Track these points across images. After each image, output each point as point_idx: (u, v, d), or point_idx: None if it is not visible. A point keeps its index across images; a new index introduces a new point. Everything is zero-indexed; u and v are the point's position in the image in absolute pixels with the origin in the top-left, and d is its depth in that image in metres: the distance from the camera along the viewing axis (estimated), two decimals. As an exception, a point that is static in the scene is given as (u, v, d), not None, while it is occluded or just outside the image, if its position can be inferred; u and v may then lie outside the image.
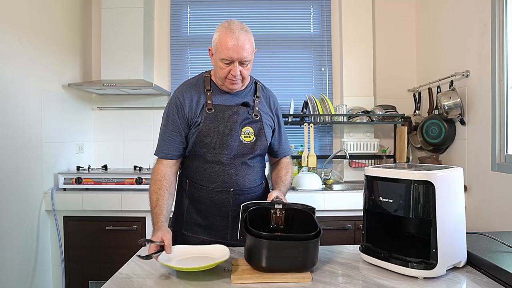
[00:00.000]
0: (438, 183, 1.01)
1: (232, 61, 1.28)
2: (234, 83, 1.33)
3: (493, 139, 2.01)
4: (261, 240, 1.03)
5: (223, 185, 1.37)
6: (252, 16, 3.01)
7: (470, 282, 1.01)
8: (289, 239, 1.07)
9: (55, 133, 2.45)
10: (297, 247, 1.03)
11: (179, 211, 1.46)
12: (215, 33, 1.31)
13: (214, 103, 1.37)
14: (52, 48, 2.43)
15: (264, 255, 1.03)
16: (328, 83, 2.99)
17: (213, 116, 1.35)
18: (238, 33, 1.26)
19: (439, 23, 2.59)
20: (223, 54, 1.27)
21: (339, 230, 2.27)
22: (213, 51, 1.33)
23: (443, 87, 2.44)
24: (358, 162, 2.85)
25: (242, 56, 1.27)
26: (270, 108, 1.48)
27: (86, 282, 2.33)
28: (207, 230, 1.41)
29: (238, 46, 1.25)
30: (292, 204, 1.24)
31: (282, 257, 1.04)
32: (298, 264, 1.04)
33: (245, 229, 1.08)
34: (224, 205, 1.38)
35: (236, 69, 1.29)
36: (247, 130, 1.38)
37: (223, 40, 1.26)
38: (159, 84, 2.91)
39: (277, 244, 1.04)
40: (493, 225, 2.01)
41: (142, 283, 1.02)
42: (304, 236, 1.04)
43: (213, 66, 1.37)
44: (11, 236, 2.04)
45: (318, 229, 1.08)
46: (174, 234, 1.44)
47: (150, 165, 2.79)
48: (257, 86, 1.47)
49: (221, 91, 1.40)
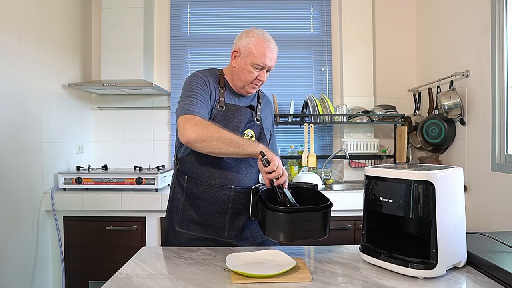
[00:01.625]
0: (438, 183, 1.01)
1: (263, 68, 1.37)
2: (255, 88, 1.43)
3: (493, 139, 2.01)
4: (284, 214, 1.13)
5: (225, 181, 1.38)
6: (252, 16, 3.01)
7: (470, 282, 1.01)
8: (309, 211, 1.16)
9: (55, 133, 2.45)
10: (315, 218, 1.15)
11: (173, 208, 1.46)
12: (246, 38, 1.38)
13: (225, 101, 1.41)
14: (52, 48, 2.43)
15: (287, 228, 1.14)
16: (328, 83, 2.99)
17: (223, 114, 1.38)
18: (273, 44, 1.39)
19: (439, 23, 2.59)
20: (258, 60, 1.35)
21: (339, 230, 2.27)
22: (244, 54, 1.38)
23: (443, 87, 2.44)
24: (358, 162, 2.85)
25: (272, 64, 1.40)
26: (269, 114, 1.57)
27: (86, 282, 2.33)
28: (203, 227, 1.42)
29: (273, 55, 1.38)
30: (296, 183, 1.40)
31: (302, 229, 1.14)
32: (316, 233, 1.16)
33: (265, 206, 1.16)
34: (224, 202, 1.39)
35: (265, 75, 1.40)
36: (249, 133, 1.44)
37: (261, 47, 1.35)
38: (159, 84, 2.91)
39: (299, 216, 1.14)
40: (493, 225, 2.01)
41: (142, 283, 1.02)
42: (320, 207, 1.16)
43: (237, 69, 1.40)
44: (11, 236, 2.04)
45: (329, 201, 1.19)
46: (166, 231, 1.46)
47: (150, 165, 2.81)
48: (259, 92, 1.54)
49: (232, 91, 1.45)
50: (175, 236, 1.43)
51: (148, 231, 2.32)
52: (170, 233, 1.44)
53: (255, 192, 1.28)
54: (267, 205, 1.16)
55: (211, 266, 1.13)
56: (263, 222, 1.20)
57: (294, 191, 1.33)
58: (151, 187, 2.41)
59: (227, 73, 1.47)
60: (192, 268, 1.12)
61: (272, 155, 1.21)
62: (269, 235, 1.18)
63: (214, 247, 1.34)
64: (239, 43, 1.40)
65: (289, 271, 1.05)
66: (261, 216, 1.23)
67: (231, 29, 3.00)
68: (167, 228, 1.46)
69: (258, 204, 1.24)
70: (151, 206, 2.30)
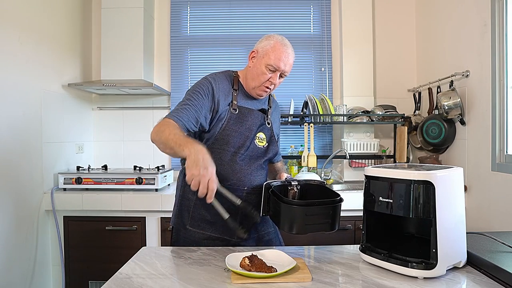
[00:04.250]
0: (438, 183, 1.01)
1: (276, 70, 1.40)
2: (265, 91, 1.44)
3: (493, 139, 2.01)
4: (299, 207, 1.17)
5: (238, 183, 1.40)
6: (252, 16, 3.01)
7: (470, 282, 1.01)
8: (322, 204, 1.19)
9: (55, 133, 2.45)
10: (327, 211, 1.19)
11: (184, 206, 1.45)
12: (265, 40, 1.42)
13: (238, 104, 1.43)
14: (52, 48, 2.43)
15: (302, 220, 1.17)
16: (328, 83, 2.99)
17: (236, 117, 1.40)
18: (291, 50, 1.42)
19: (439, 23, 2.59)
20: (272, 61, 1.38)
21: (339, 230, 2.26)
22: (260, 55, 1.41)
23: (443, 87, 2.44)
24: (358, 162, 2.85)
25: (286, 69, 1.41)
26: (277, 119, 1.62)
27: (86, 282, 2.33)
28: (215, 226, 1.42)
29: (288, 60, 1.41)
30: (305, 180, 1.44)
31: (315, 222, 1.18)
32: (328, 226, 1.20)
33: (280, 200, 1.20)
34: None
35: (276, 78, 1.41)
36: (261, 136, 1.47)
37: (278, 49, 1.38)
38: (159, 84, 2.91)
39: (312, 209, 1.18)
40: (493, 225, 2.01)
41: (142, 283, 1.02)
42: (332, 201, 1.21)
43: (251, 69, 1.43)
44: (11, 236, 2.04)
45: (339, 196, 1.24)
46: (176, 229, 1.46)
47: (150, 165, 2.80)
48: (270, 97, 1.58)
49: (245, 94, 1.48)
50: (186, 235, 1.42)
51: (148, 231, 2.32)
52: (181, 231, 1.44)
53: (267, 188, 1.31)
54: (282, 199, 1.19)
55: (211, 266, 1.13)
56: (277, 216, 1.23)
57: (303, 187, 1.37)
58: (151, 187, 2.41)
59: (242, 75, 1.49)
60: (192, 268, 1.12)
61: (191, 165, 1.10)
62: (283, 228, 1.22)
63: (214, 247, 1.33)
64: (258, 45, 1.44)
65: (289, 271, 1.05)
66: (273, 211, 1.27)
67: (231, 29, 3.01)
68: (176, 226, 1.46)
69: (271, 199, 1.28)
70: (151, 206, 2.30)
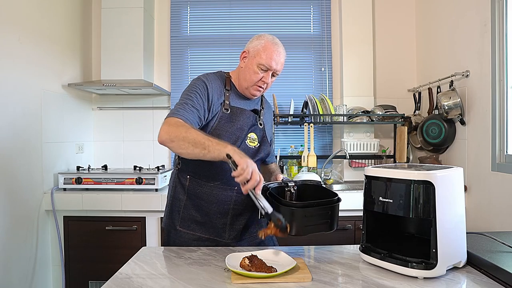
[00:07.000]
0: (438, 183, 1.01)
1: (268, 70, 1.39)
2: (259, 90, 1.43)
3: (493, 139, 2.01)
4: (298, 209, 1.16)
5: (228, 182, 1.39)
6: (252, 16, 3.01)
7: (470, 282, 1.01)
8: (320, 205, 1.19)
9: (55, 133, 2.46)
10: (326, 211, 1.19)
11: (175, 207, 1.45)
12: (256, 40, 1.42)
13: (230, 104, 1.42)
14: (52, 48, 2.43)
15: (301, 222, 1.16)
16: (328, 83, 2.99)
17: (228, 116, 1.39)
18: (282, 49, 1.42)
19: (439, 23, 2.59)
20: (264, 61, 1.37)
21: (339, 230, 2.27)
22: (252, 55, 1.41)
23: (443, 87, 2.44)
24: (358, 162, 2.85)
25: (278, 68, 1.41)
26: (269, 120, 1.61)
27: (86, 282, 2.33)
28: (205, 227, 1.42)
29: (280, 59, 1.40)
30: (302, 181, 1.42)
31: (314, 222, 1.18)
32: (327, 226, 1.20)
33: (279, 202, 1.19)
34: (226, 203, 1.40)
35: (268, 77, 1.40)
36: (252, 136, 1.45)
37: (269, 48, 1.38)
38: (159, 84, 2.91)
39: (311, 210, 1.17)
40: (493, 225, 2.01)
41: (142, 283, 1.02)
42: (331, 201, 1.20)
43: (243, 69, 1.43)
44: (11, 236, 2.04)
45: (337, 195, 1.23)
46: (167, 230, 1.46)
47: (150, 165, 2.80)
48: (262, 98, 1.58)
49: (237, 94, 1.47)
50: (176, 236, 1.43)
51: (148, 231, 2.32)
52: (171, 233, 1.44)
53: (264, 190, 1.28)
54: (280, 201, 1.19)
55: (211, 266, 1.13)
56: None
57: (300, 188, 1.36)
58: (151, 187, 2.41)
59: (234, 75, 1.49)
60: (192, 268, 1.12)
61: (240, 158, 1.12)
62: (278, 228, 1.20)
63: (214, 247, 1.34)
64: (249, 45, 1.44)
65: (289, 271, 1.05)
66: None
67: (231, 29, 3.00)
68: (167, 227, 1.46)
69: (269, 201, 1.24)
70: (151, 206, 2.30)
